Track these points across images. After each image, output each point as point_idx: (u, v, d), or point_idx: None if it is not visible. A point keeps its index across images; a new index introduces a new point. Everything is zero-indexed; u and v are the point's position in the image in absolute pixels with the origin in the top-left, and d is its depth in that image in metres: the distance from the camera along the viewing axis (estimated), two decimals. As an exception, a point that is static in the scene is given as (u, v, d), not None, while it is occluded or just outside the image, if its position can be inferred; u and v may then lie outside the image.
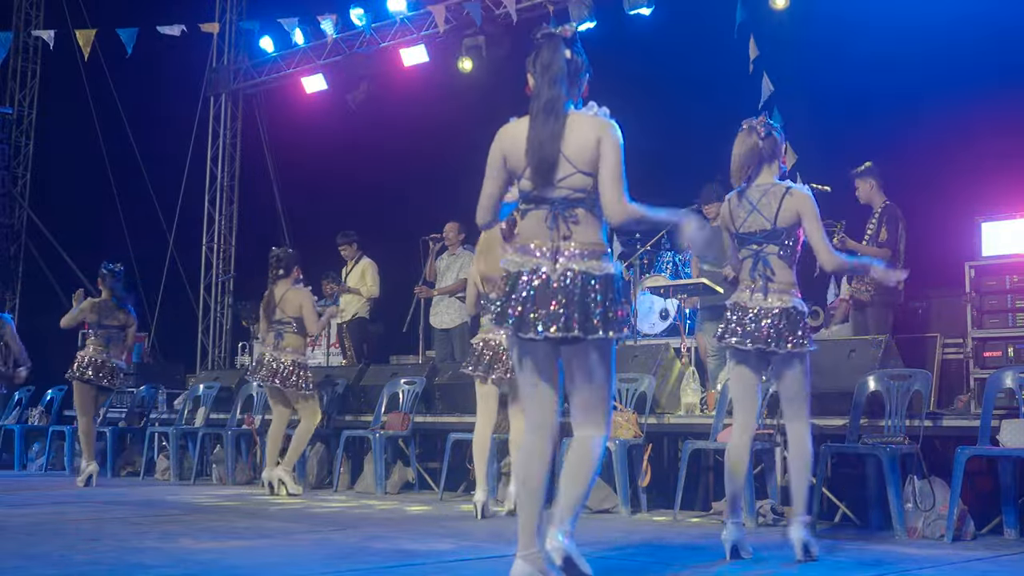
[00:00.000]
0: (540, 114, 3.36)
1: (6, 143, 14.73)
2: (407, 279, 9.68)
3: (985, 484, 5.43)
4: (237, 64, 14.01)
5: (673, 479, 6.06)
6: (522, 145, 3.39)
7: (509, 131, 3.47)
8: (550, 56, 3.41)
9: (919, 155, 8.09)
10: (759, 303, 4.28)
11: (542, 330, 3.26)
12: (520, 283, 3.34)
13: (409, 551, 4.46)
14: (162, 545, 4.55)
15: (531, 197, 3.40)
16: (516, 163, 3.42)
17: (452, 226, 9.21)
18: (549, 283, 3.31)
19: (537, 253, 3.36)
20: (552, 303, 3.28)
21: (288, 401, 7.40)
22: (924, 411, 5.27)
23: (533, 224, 3.40)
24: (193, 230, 13.91)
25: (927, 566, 4.18)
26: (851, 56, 8.53)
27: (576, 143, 3.34)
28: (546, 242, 3.36)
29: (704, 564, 4.25)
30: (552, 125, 3.34)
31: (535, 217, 3.40)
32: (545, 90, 3.38)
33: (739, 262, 4.43)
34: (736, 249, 4.44)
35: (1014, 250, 6.94)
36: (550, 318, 3.26)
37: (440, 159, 11.19)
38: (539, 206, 3.38)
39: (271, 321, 7.42)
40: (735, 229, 4.40)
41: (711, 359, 7.72)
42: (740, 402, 4.41)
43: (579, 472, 3.35)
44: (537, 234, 3.38)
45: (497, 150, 3.46)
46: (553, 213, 3.36)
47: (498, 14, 11.10)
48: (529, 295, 3.31)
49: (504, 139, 3.46)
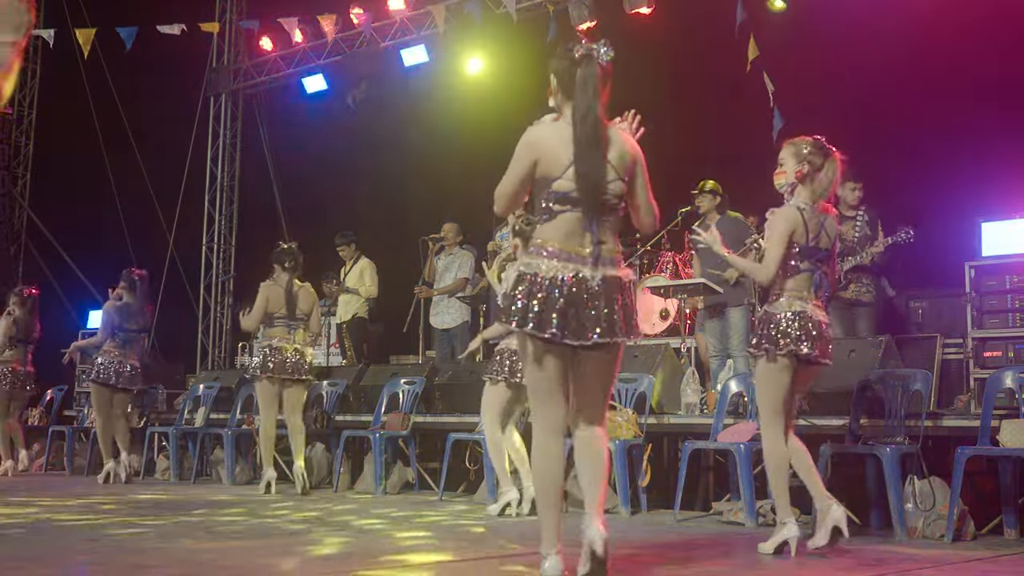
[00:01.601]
0: (586, 131, 3.44)
1: (6, 143, 14.73)
2: (407, 279, 9.68)
3: (985, 484, 5.42)
4: (237, 64, 14.01)
5: (673, 479, 6.06)
6: (558, 150, 3.44)
7: (542, 135, 3.51)
8: (591, 76, 3.49)
9: (919, 155, 8.08)
10: (821, 318, 4.51)
11: (591, 334, 3.34)
12: (557, 287, 3.37)
13: (409, 551, 4.45)
14: (162, 545, 4.55)
15: (569, 198, 3.43)
16: (550, 166, 3.45)
17: (450, 226, 9.21)
18: (589, 287, 3.37)
19: (573, 257, 3.41)
20: (591, 308, 3.35)
21: (280, 399, 7.42)
22: (924, 411, 5.27)
23: (566, 227, 3.44)
24: (193, 230, 13.91)
25: (927, 566, 4.18)
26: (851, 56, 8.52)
27: (617, 152, 3.49)
28: (582, 246, 3.42)
29: (704, 564, 4.24)
30: (599, 140, 3.45)
31: (569, 220, 3.44)
32: (590, 110, 3.46)
33: (795, 272, 4.51)
34: (796, 260, 4.50)
35: (1014, 250, 6.94)
36: (592, 322, 3.35)
37: (440, 159, 11.19)
38: (575, 208, 3.43)
39: (294, 316, 7.47)
40: (805, 242, 4.48)
41: (711, 359, 7.73)
42: (786, 406, 4.49)
43: (595, 466, 3.47)
44: (570, 238, 3.43)
45: (528, 153, 3.49)
46: (591, 218, 3.42)
47: (498, 14, 11.09)
48: (569, 299, 3.36)
49: (536, 144, 3.49)
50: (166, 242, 13.51)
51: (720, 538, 5.07)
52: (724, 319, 7.62)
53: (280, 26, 12.87)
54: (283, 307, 7.42)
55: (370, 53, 12.16)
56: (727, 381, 6.28)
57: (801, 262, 4.51)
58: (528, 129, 3.53)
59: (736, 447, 5.61)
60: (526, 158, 3.48)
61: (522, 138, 3.52)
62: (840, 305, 7.09)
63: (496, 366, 6.01)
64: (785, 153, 4.61)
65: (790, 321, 4.44)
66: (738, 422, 5.95)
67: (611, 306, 3.38)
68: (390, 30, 12.13)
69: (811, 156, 4.53)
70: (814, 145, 4.56)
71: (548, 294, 3.37)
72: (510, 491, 5.99)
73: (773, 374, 4.45)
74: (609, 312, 3.37)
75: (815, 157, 4.53)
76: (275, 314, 7.42)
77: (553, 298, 3.36)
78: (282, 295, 7.42)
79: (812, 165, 4.53)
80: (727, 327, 7.60)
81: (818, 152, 4.54)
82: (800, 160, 4.54)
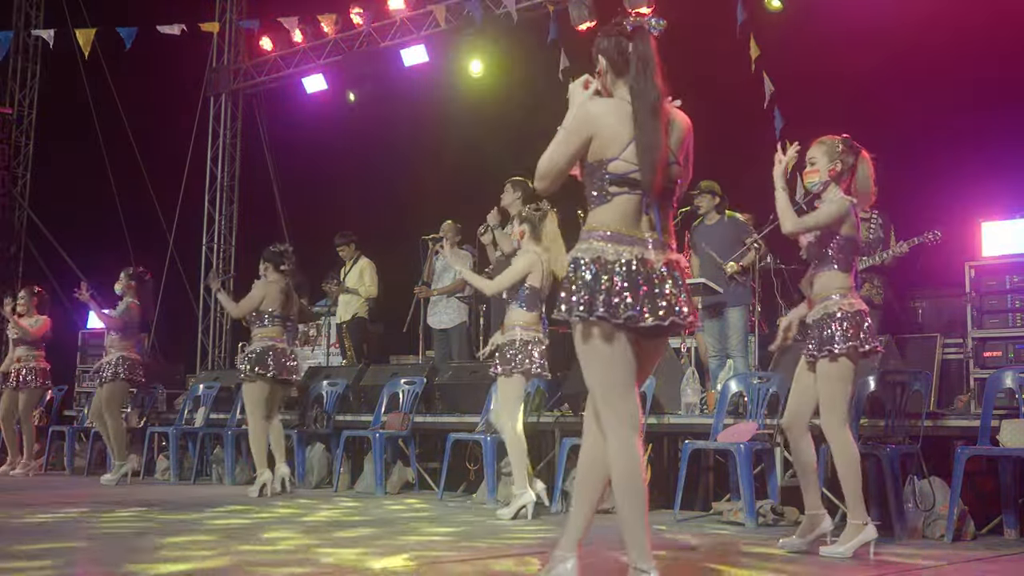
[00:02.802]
0: (649, 113, 3.25)
1: (6, 143, 14.72)
2: (407, 279, 9.68)
3: (985, 484, 5.43)
4: (237, 64, 14.01)
5: (673, 479, 6.06)
6: (617, 128, 3.24)
7: (600, 110, 3.30)
8: (647, 50, 3.33)
9: (920, 155, 8.08)
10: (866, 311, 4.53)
11: (665, 315, 3.16)
12: (620, 272, 3.19)
13: (409, 551, 4.45)
14: (162, 545, 4.55)
15: (627, 180, 3.24)
16: (610, 142, 3.25)
17: (449, 225, 9.20)
18: (656, 271, 3.21)
19: (636, 240, 3.23)
20: (659, 292, 3.18)
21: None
22: (924, 411, 5.27)
23: (624, 210, 3.25)
24: (193, 230, 13.91)
25: (927, 566, 4.18)
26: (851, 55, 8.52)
27: (676, 136, 3.35)
28: (642, 230, 3.25)
29: (704, 564, 4.24)
30: (661, 122, 3.26)
31: (628, 203, 3.25)
32: (650, 86, 3.28)
33: (856, 270, 4.59)
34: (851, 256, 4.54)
35: (1014, 250, 6.94)
36: (660, 307, 3.16)
37: (440, 159, 11.19)
38: (633, 191, 3.24)
39: (288, 317, 7.50)
40: (852, 235, 4.51)
41: (711, 359, 7.73)
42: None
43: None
44: (627, 222, 3.24)
45: (586, 127, 3.26)
46: (649, 202, 3.25)
47: (498, 13, 11.09)
48: (637, 281, 3.18)
49: (595, 118, 3.28)
50: (166, 242, 13.51)
51: (720, 538, 5.07)
52: (723, 319, 7.63)
53: (280, 26, 12.87)
54: (279, 307, 7.42)
55: (370, 53, 12.16)
56: (727, 381, 6.28)
57: (857, 260, 4.59)
58: (584, 103, 3.31)
59: (736, 447, 5.61)
60: (583, 132, 3.26)
61: (577, 111, 3.29)
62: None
63: (509, 358, 5.85)
64: (816, 151, 4.58)
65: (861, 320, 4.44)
66: (738, 422, 5.95)
67: (679, 289, 3.23)
68: (390, 30, 12.13)
69: (844, 154, 4.53)
70: (846, 143, 4.56)
71: (614, 277, 3.18)
72: (526, 493, 5.81)
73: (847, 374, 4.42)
74: (677, 295, 3.21)
75: (848, 156, 4.54)
76: (272, 313, 7.41)
77: (620, 281, 3.17)
78: (278, 295, 7.43)
79: (845, 163, 4.53)
80: (726, 327, 7.61)
81: (850, 150, 4.54)
82: (833, 158, 4.53)
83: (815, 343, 4.45)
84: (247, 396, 7.42)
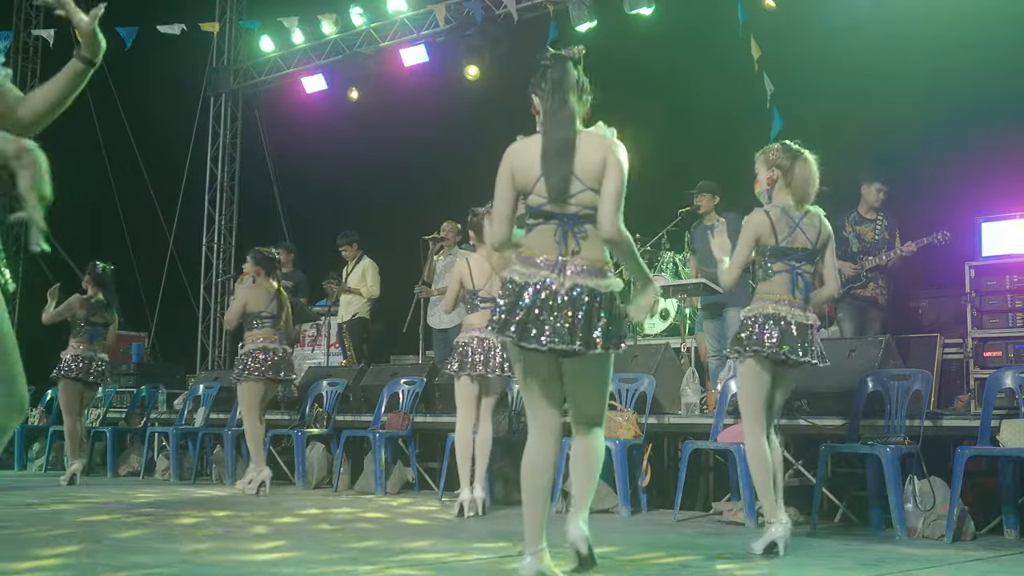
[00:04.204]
0: (553, 131, 3.41)
1: (6, 143, 14.70)
2: (407, 279, 9.68)
3: (985, 484, 5.43)
4: (237, 64, 14.01)
5: (673, 479, 6.06)
6: (531, 161, 3.42)
7: (517, 148, 3.50)
8: (560, 74, 3.45)
9: (920, 155, 8.08)
10: (798, 318, 4.49)
11: (546, 341, 3.31)
12: (526, 295, 3.37)
13: (409, 551, 4.45)
14: (162, 545, 4.55)
15: (541, 212, 3.43)
16: (525, 179, 3.43)
17: (450, 226, 9.20)
18: (556, 296, 3.34)
19: (544, 266, 3.39)
20: (557, 317, 3.32)
21: None
22: (924, 411, 5.27)
23: (541, 238, 3.43)
24: (193, 230, 13.91)
25: (927, 566, 4.18)
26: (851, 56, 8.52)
27: (584, 161, 3.39)
28: (554, 256, 3.39)
29: (704, 563, 4.24)
30: (565, 142, 3.38)
31: (544, 232, 3.43)
32: (557, 107, 3.41)
33: (768, 275, 4.57)
34: (768, 261, 4.55)
35: (1014, 250, 6.94)
36: (555, 332, 3.31)
37: (440, 159, 11.19)
38: (548, 221, 3.42)
39: (279, 318, 7.54)
40: (775, 243, 4.54)
41: (711, 359, 7.73)
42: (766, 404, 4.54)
43: (588, 464, 3.54)
44: (544, 248, 3.42)
45: (506, 168, 3.47)
46: (563, 229, 3.39)
47: (498, 14, 11.09)
48: (534, 307, 3.35)
49: (512, 156, 3.48)
50: (166, 242, 13.51)
51: (720, 538, 5.07)
52: (723, 319, 7.62)
53: (280, 26, 12.87)
54: (270, 308, 7.46)
55: (370, 53, 12.16)
56: (727, 381, 6.27)
57: (773, 263, 4.56)
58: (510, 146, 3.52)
59: (736, 447, 5.61)
60: (505, 170, 3.47)
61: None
62: (858, 303, 7.12)
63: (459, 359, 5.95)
64: (757, 163, 4.71)
65: (761, 324, 4.48)
66: (738, 422, 5.94)
67: (585, 315, 3.32)
68: (390, 30, 12.13)
69: (778, 160, 4.61)
70: (781, 149, 4.64)
71: (515, 301, 3.38)
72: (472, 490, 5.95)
73: (751, 375, 4.52)
74: (579, 322, 3.31)
75: (783, 160, 4.61)
76: (262, 314, 7.45)
77: (523, 305, 3.36)
78: (263, 297, 7.48)
79: (781, 167, 4.60)
80: (726, 327, 7.60)
81: (785, 155, 4.61)
82: (769, 166, 4.64)
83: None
84: (240, 396, 7.50)
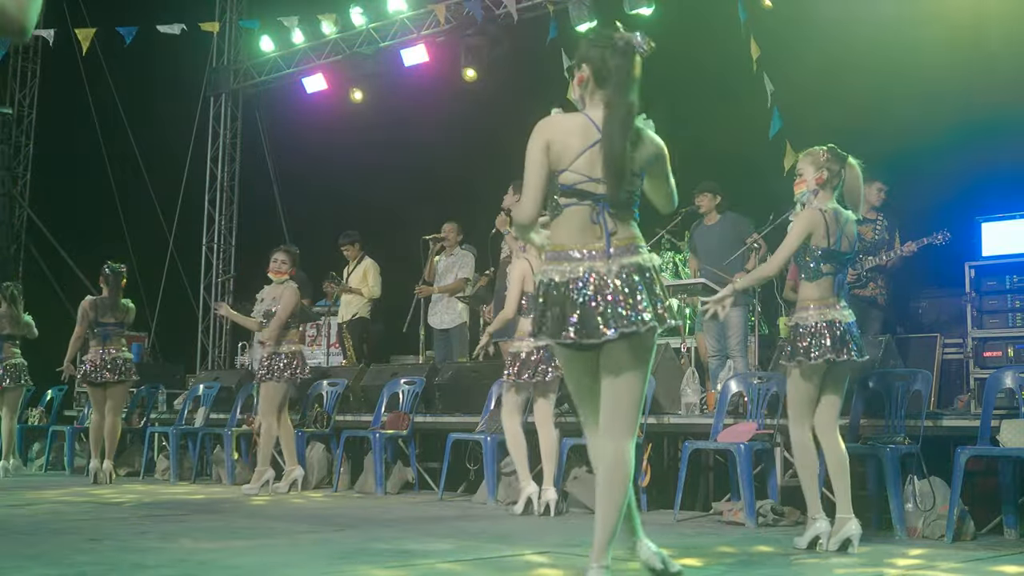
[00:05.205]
0: (619, 123, 3.31)
1: (6, 143, 14.71)
2: (407, 279, 9.68)
3: (985, 484, 5.43)
4: (237, 64, 14.00)
5: (673, 479, 6.06)
6: (570, 135, 3.33)
7: (552, 122, 3.39)
8: (628, 64, 3.38)
9: (919, 155, 8.08)
10: (845, 319, 4.58)
11: (615, 327, 3.19)
12: (574, 291, 3.24)
13: (410, 551, 4.45)
14: (162, 545, 4.55)
15: (575, 191, 3.31)
16: (561, 153, 3.32)
17: (451, 226, 9.20)
18: (607, 282, 3.24)
19: (586, 257, 3.28)
20: (616, 302, 3.21)
21: None
22: (924, 411, 5.27)
23: (569, 225, 3.32)
24: (193, 230, 13.90)
25: (927, 566, 4.18)
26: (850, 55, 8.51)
27: (641, 154, 3.37)
28: (590, 242, 3.29)
29: (704, 564, 4.24)
30: (630, 136, 3.32)
31: (573, 216, 3.32)
32: (623, 99, 3.34)
33: (818, 276, 4.60)
34: (816, 263, 4.58)
35: (1014, 250, 6.94)
36: (618, 317, 3.20)
37: (440, 159, 11.18)
38: (582, 201, 3.31)
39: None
40: (827, 245, 4.56)
41: (711, 359, 7.72)
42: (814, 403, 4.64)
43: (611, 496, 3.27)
44: (574, 238, 3.30)
45: (540, 141, 3.33)
46: (599, 210, 3.30)
47: (498, 14, 11.09)
48: (590, 301, 3.22)
49: (546, 130, 3.35)
50: (166, 242, 13.50)
51: (720, 538, 5.07)
52: (723, 319, 7.61)
53: (280, 26, 12.86)
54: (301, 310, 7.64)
55: (370, 53, 12.15)
56: (727, 381, 6.28)
57: (823, 264, 4.59)
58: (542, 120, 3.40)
59: (736, 447, 5.61)
60: (539, 144, 3.33)
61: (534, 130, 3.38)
62: (857, 302, 7.11)
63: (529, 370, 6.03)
64: (803, 163, 4.72)
65: (813, 334, 4.53)
66: (738, 422, 5.95)
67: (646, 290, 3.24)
68: (390, 30, 12.13)
69: (829, 163, 4.63)
70: (831, 151, 4.67)
71: (549, 297, 3.28)
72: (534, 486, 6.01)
73: (799, 381, 4.58)
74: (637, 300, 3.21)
75: (833, 163, 4.63)
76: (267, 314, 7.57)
77: (572, 301, 3.23)
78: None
79: (831, 171, 4.63)
80: (726, 327, 7.60)
81: (835, 158, 4.65)
82: (819, 167, 4.64)
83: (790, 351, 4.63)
84: (263, 397, 7.52)
